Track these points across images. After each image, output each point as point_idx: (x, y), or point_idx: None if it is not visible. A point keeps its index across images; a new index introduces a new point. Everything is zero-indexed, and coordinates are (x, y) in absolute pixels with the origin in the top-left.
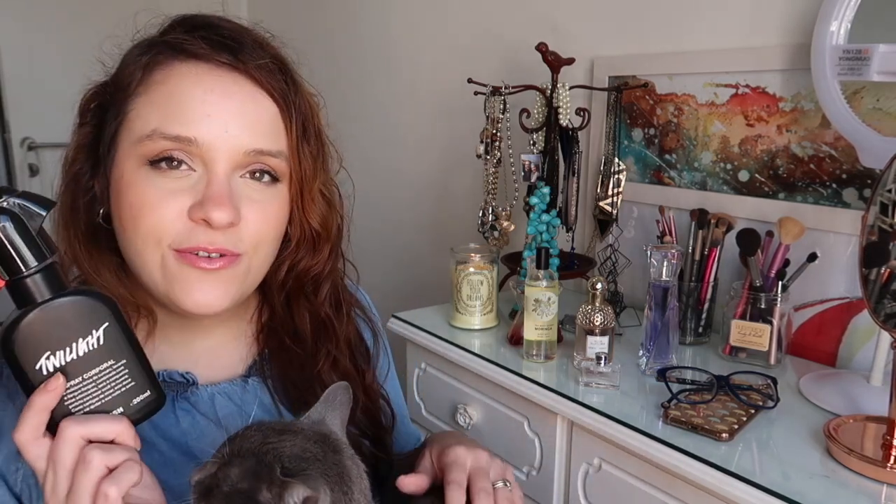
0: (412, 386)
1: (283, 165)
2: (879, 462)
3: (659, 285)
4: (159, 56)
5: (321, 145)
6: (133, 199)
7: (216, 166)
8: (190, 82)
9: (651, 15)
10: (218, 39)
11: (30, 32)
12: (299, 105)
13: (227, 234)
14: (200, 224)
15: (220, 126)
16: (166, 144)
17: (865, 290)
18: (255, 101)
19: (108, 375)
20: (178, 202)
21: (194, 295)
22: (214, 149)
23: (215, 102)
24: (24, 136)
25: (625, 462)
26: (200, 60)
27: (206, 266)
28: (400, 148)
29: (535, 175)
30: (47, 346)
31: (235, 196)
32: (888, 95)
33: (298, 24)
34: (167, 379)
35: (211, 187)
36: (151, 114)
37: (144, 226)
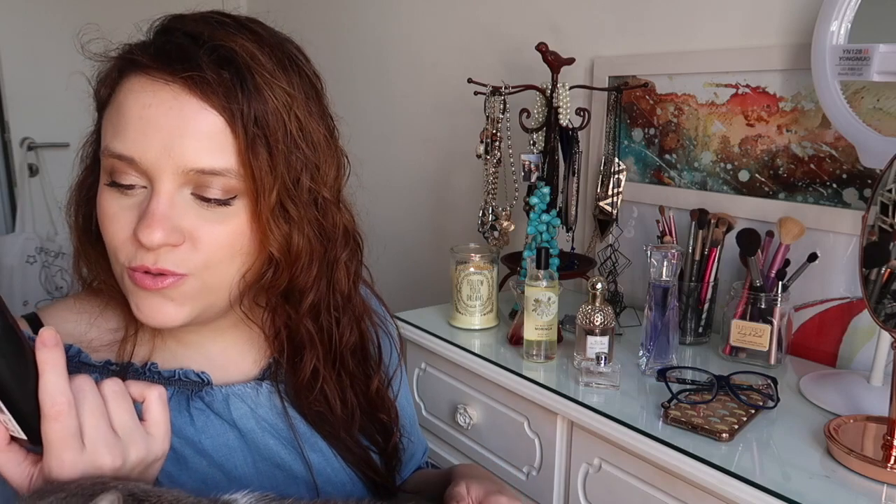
0: (412, 386)
1: (235, 182)
2: (879, 462)
3: (659, 285)
4: (115, 71)
5: (294, 152)
6: (100, 213)
7: (159, 185)
8: (133, 97)
9: (651, 15)
10: (164, 48)
11: (30, 32)
12: (251, 112)
13: (168, 255)
14: (140, 243)
15: (158, 143)
16: (114, 162)
17: (865, 290)
18: (195, 115)
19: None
20: (127, 221)
21: (146, 311)
22: (155, 168)
23: (150, 118)
24: (24, 136)
25: (625, 462)
26: (143, 74)
27: (151, 286)
28: (400, 148)
29: (535, 175)
30: None
31: (179, 214)
32: (888, 95)
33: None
34: (182, 377)
35: (149, 207)
36: (107, 131)
37: (107, 240)
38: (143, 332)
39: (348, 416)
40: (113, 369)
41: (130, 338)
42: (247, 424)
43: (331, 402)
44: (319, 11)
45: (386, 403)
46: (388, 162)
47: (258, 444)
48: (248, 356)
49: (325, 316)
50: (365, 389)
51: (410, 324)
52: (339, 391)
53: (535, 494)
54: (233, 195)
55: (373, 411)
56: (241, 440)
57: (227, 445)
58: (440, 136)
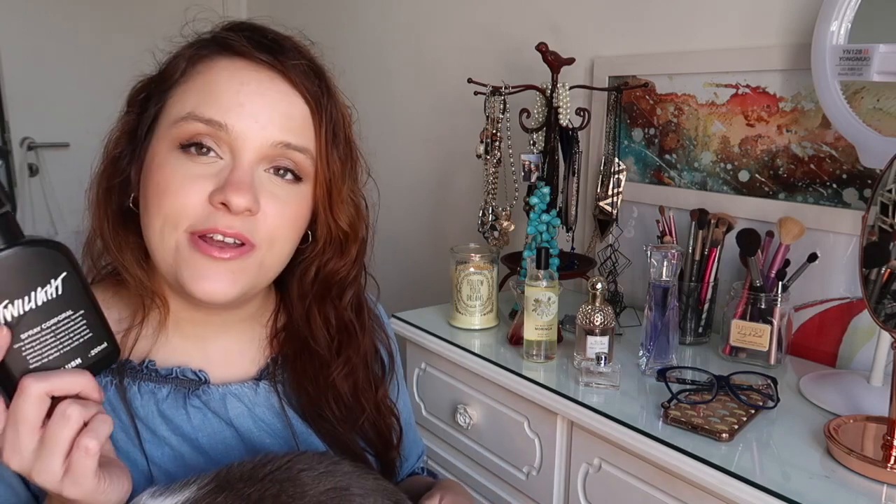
0: (412, 386)
1: (309, 164)
2: (879, 462)
3: (659, 285)
4: (203, 50)
5: (350, 153)
6: (159, 180)
7: (243, 155)
8: (227, 74)
9: (651, 15)
10: (259, 40)
11: (30, 32)
12: (330, 110)
13: (244, 221)
14: (220, 209)
15: (251, 117)
16: (199, 127)
17: (865, 290)
18: (287, 100)
19: (67, 326)
20: (202, 187)
21: (202, 282)
22: (243, 138)
23: (249, 94)
24: (24, 136)
25: (625, 462)
26: (240, 57)
27: (217, 255)
28: (400, 148)
29: (535, 175)
30: (5, 294)
31: (257, 186)
32: (888, 95)
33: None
34: (180, 375)
35: (234, 174)
36: (188, 99)
37: (166, 206)
38: (147, 326)
39: (352, 415)
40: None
41: (135, 328)
42: (244, 423)
43: (344, 398)
44: (320, 11)
45: (389, 409)
46: (388, 162)
47: (254, 443)
48: (246, 355)
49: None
50: (374, 393)
51: (410, 324)
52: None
53: (535, 494)
54: (302, 176)
55: (379, 416)
56: (237, 439)
57: (224, 443)
58: (440, 136)
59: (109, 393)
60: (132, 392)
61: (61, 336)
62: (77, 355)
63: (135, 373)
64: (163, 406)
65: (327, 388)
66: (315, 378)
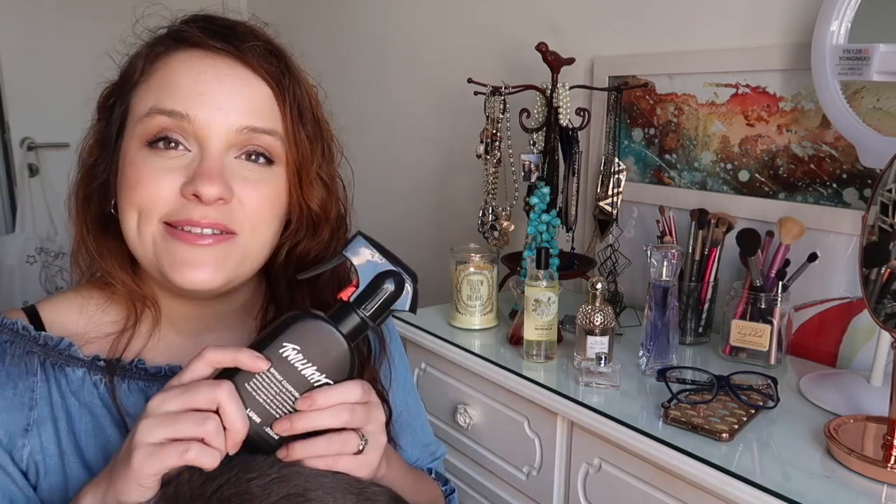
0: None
1: (278, 146)
2: (880, 462)
3: (659, 285)
4: (159, 47)
5: (320, 132)
6: (130, 176)
7: (210, 144)
8: (185, 66)
9: (651, 15)
10: (213, 28)
11: (30, 32)
12: (294, 90)
13: (220, 210)
14: (192, 200)
15: (213, 104)
16: (162, 121)
17: (865, 290)
18: (248, 84)
19: (283, 400)
20: (172, 179)
21: (185, 270)
22: (207, 126)
23: (208, 82)
24: (24, 136)
25: (625, 462)
26: (196, 47)
27: (197, 241)
28: (400, 148)
29: (535, 175)
30: (303, 345)
31: (228, 174)
32: (888, 95)
33: (298, 23)
34: (169, 373)
35: (203, 164)
36: (150, 95)
37: (138, 199)
38: (142, 325)
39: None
40: (100, 364)
41: (129, 330)
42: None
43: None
44: (320, 11)
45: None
46: (388, 162)
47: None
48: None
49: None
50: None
51: (410, 324)
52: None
53: (535, 494)
54: (274, 158)
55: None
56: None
57: None
58: (440, 136)
59: (100, 391)
60: (122, 390)
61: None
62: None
63: (124, 372)
64: None
65: None
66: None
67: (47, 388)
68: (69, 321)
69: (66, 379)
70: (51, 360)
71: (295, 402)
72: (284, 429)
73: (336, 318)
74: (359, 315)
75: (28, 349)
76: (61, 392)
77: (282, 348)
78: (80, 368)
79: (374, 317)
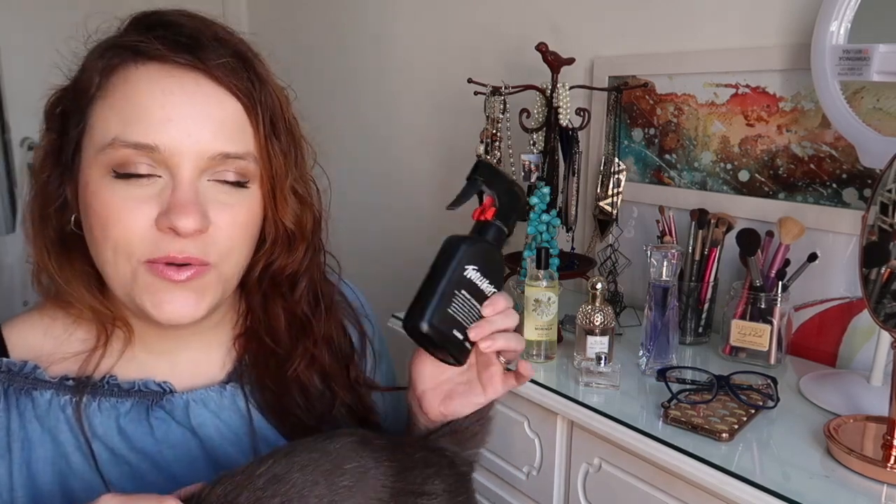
0: None
1: (252, 167)
2: (879, 462)
3: (659, 285)
4: (115, 59)
5: (293, 140)
6: (99, 209)
7: (181, 172)
8: (148, 86)
9: (651, 15)
10: (175, 39)
11: (30, 32)
12: (266, 101)
13: (196, 242)
14: (168, 233)
15: (181, 130)
16: (127, 153)
17: (865, 290)
18: (217, 102)
19: (474, 313)
20: (145, 212)
21: (165, 307)
22: (177, 154)
23: (175, 105)
24: (24, 136)
25: (625, 462)
26: (158, 62)
27: (176, 277)
28: (400, 148)
29: (535, 175)
30: (478, 264)
31: (202, 201)
32: (888, 95)
33: (298, 23)
34: (142, 388)
35: (176, 194)
36: (111, 120)
37: (113, 237)
38: (113, 343)
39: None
40: (69, 384)
41: (100, 349)
42: (206, 432)
43: (311, 389)
44: (319, 12)
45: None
46: (388, 162)
47: (217, 453)
48: (215, 361)
49: (315, 303)
50: (345, 374)
51: None
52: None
53: (535, 494)
54: (248, 179)
55: (355, 397)
56: (200, 449)
57: (188, 455)
58: (440, 136)
59: (67, 414)
60: (92, 409)
61: (468, 314)
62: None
63: (95, 389)
64: (123, 421)
65: (290, 382)
66: (276, 374)
67: (7, 418)
68: (34, 342)
69: (32, 403)
70: (15, 387)
71: (479, 311)
72: (479, 333)
73: (485, 234)
74: (504, 227)
75: None
76: (22, 419)
77: (464, 270)
78: (47, 391)
79: (511, 225)
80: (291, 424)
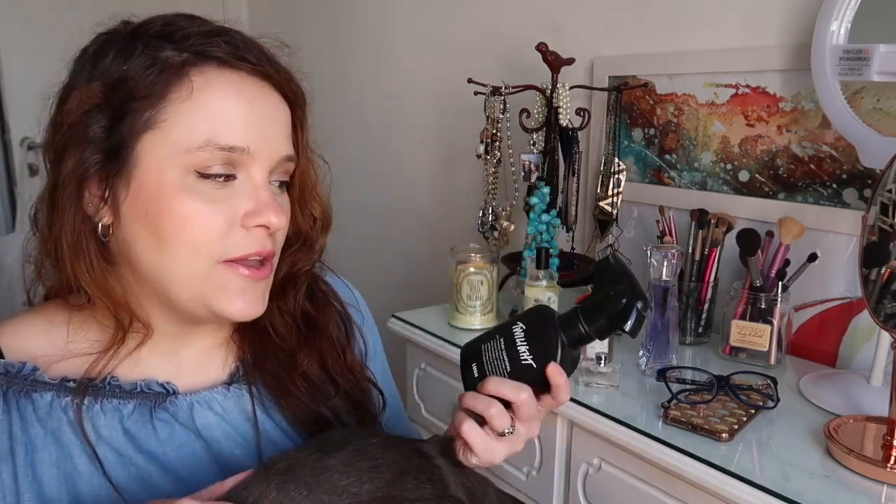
0: (412, 386)
1: (293, 167)
2: (879, 462)
3: (659, 285)
4: (186, 63)
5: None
6: (179, 209)
7: (257, 173)
8: (233, 91)
9: (651, 15)
10: (242, 46)
11: (30, 32)
12: (303, 106)
13: (272, 238)
14: (253, 230)
15: (260, 134)
16: (221, 155)
17: (865, 290)
18: (283, 110)
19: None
20: (225, 211)
21: (238, 303)
22: (259, 156)
23: (259, 112)
24: (23, 136)
25: (625, 462)
26: (231, 68)
27: (258, 275)
28: (400, 148)
29: (535, 175)
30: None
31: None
32: (888, 95)
33: (298, 23)
34: (146, 389)
35: (261, 194)
36: (199, 124)
37: (194, 236)
38: (127, 344)
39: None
40: (69, 386)
41: (111, 350)
42: (212, 434)
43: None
44: (320, 11)
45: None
46: (388, 162)
47: (224, 455)
48: (218, 360)
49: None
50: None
51: (410, 324)
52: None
53: (535, 494)
54: (290, 181)
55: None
56: (206, 450)
57: (193, 456)
58: (440, 136)
59: (69, 416)
60: (94, 411)
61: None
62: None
63: (97, 389)
64: (128, 423)
65: (296, 376)
66: (282, 369)
67: (8, 421)
68: (33, 345)
69: (32, 406)
70: (14, 389)
71: (506, 366)
72: (487, 389)
73: (564, 321)
74: (582, 327)
75: None
76: (24, 422)
77: (514, 325)
78: (47, 392)
79: (596, 332)
80: (296, 408)
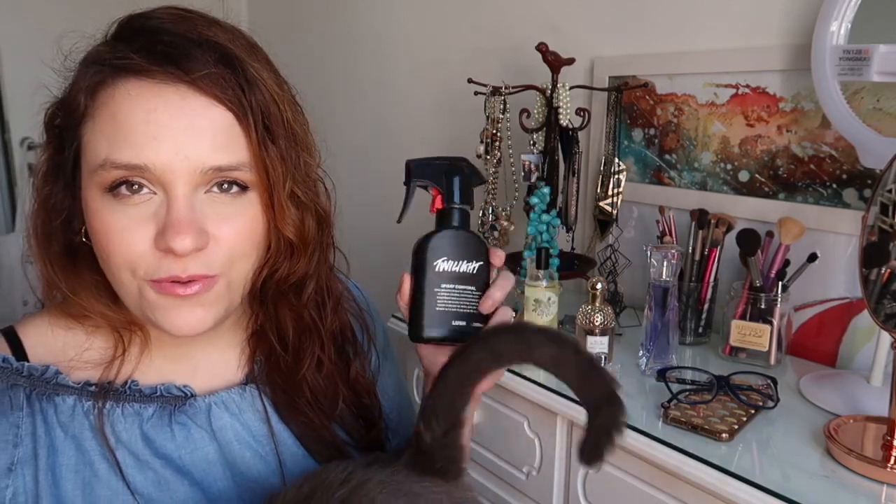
0: (412, 386)
1: (248, 175)
2: (879, 462)
3: (659, 285)
4: (97, 76)
5: (294, 141)
6: (98, 228)
7: (174, 189)
8: (130, 103)
9: (651, 15)
10: (158, 49)
11: (30, 32)
12: (258, 105)
13: (196, 259)
14: (168, 254)
15: (169, 147)
16: (119, 173)
17: (865, 290)
18: (205, 114)
19: (466, 296)
20: (143, 231)
21: (176, 321)
22: (169, 172)
23: (161, 123)
24: (23, 136)
25: (625, 462)
26: (138, 77)
27: (182, 292)
28: (400, 148)
29: (535, 175)
30: (445, 254)
31: (200, 218)
32: (888, 95)
33: (298, 23)
34: (164, 393)
35: (171, 213)
36: (100, 141)
37: (115, 256)
38: (130, 350)
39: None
40: (91, 390)
41: (119, 357)
42: (225, 436)
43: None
44: (320, 12)
45: (366, 387)
46: (388, 162)
47: (235, 458)
48: (232, 361)
49: (321, 303)
50: (345, 376)
51: None
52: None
53: (535, 494)
54: (248, 186)
55: (356, 397)
56: (219, 454)
57: (206, 460)
58: (440, 136)
59: (91, 420)
60: (115, 415)
61: (459, 300)
62: (462, 319)
63: (118, 394)
64: (146, 427)
65: (300, 382)
66: (287, 374)
67: (32, 423)
68: (54, 348)
69: (54, 409)
70: (38, 392)
71: (472, 290)
72: (488, 306)
73: (445, 221)
74: (457, 208)
75: (12, 382)
76: (47, 425)
77: (435, 266)
78: (70, 397)
79: (465, 201)
80: (302, 424)
